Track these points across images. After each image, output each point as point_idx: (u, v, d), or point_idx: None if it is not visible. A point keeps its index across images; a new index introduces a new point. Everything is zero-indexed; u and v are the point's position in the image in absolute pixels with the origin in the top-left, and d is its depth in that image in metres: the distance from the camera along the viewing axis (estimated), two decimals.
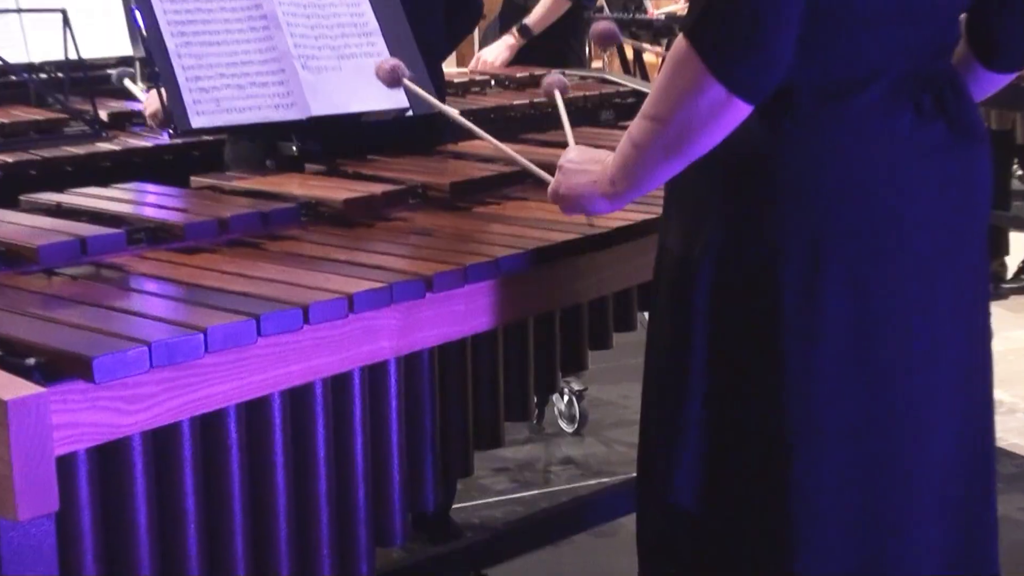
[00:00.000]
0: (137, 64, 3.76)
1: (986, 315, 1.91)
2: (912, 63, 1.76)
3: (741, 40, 1.63)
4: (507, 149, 2.30)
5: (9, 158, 2.91)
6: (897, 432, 1.79)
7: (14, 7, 3.52)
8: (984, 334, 1.90)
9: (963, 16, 1.88)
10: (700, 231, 1.81)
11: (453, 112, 2.41)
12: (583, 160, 1.96)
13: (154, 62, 2.50)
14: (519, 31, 4.69)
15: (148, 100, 3.15)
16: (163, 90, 2.48)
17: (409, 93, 2.40)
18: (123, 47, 3.75)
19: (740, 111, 1.67)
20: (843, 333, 1.75)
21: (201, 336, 1.57)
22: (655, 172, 1.78)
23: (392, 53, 2.68)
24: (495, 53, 4.66)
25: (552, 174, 2.03)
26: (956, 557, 1.88)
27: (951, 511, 1.87)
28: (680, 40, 1.67)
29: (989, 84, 1.94)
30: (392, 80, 2.37)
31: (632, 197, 1.87)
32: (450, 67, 4.27)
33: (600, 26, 2.37)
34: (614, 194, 1.87)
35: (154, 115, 3.02)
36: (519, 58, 4.70)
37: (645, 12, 6.69)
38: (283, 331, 1.68)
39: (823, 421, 1.77)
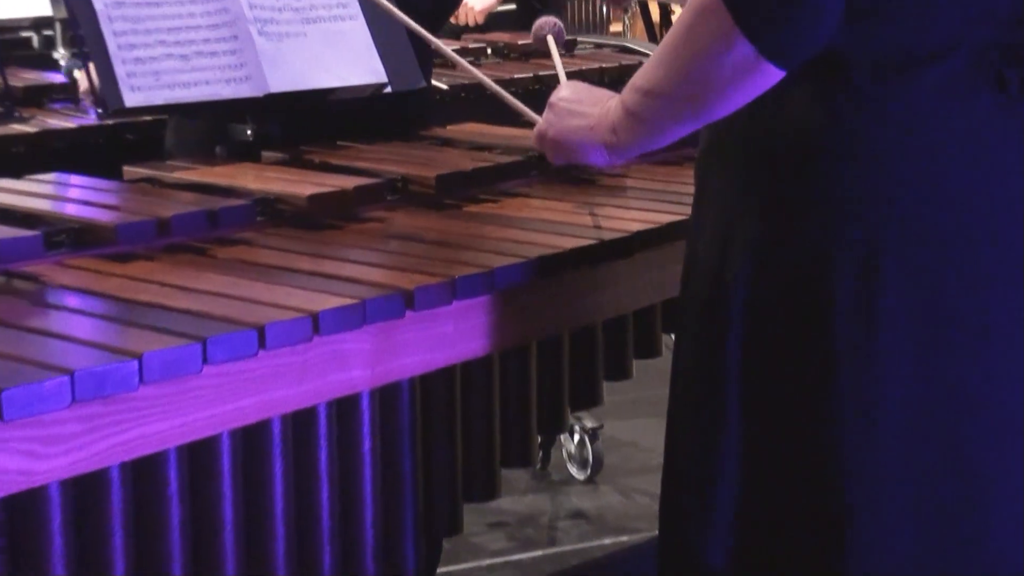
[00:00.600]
0: (58, 27, 3.77)
1: None
2: (994, 31, 1.76)
3: None
4: (492, 84, 2.31)
5: None
6: (979, 476, 1.80)
7: None
8: None
9: None
10: (736, 235, 1.82)
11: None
12: (579, 99, 1.98)
13: (79, 25, 2.51)
14: None
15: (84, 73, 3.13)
16: (90, 61, 2.49)
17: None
18: (40, 6, 3.76)
19: (769, 77, 1.69)
20: (909, 356, 1.75)
21: (135, 364, 1.58)
22: (662, 130, 1.82)
23: (368, 17, 2.69)
24: None
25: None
26: None
27: None
28: None
29: None
30: None
31: (635, 152, 1.92)
32: None
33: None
34: (614, 145, 1.90)
35: (88, 92, 3.02)
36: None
37: None
38: (234, 358, 1.68)
39: (886, 465, 1.77)
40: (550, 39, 2.40)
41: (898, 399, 1.76)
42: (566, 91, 2.02)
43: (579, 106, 1.98)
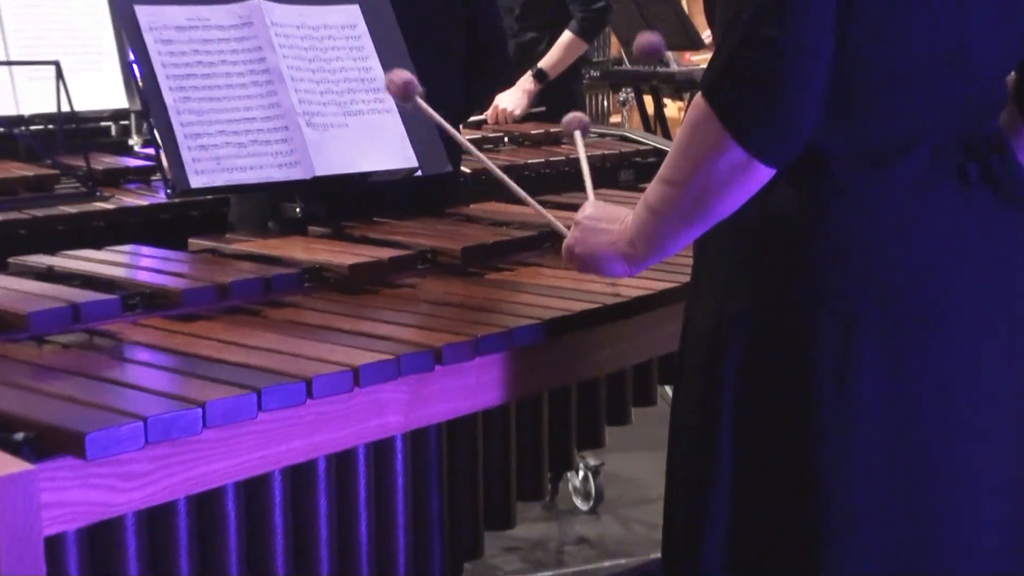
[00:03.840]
0: (132, 117, 3.80)
1: None
2: (955, 127, 1.76)
3: (762, 101, 1.64)
4: (526, 197, 2.28)
5: None
6: (941, 519, 1.78)
7: (4, 59, 3.55)
8: None
9: (1010, 76, 1.85)
10: (729, 304, 1.81)
11: (466, 144, 2.39)
12: (601, 217, 1.96)
13: (151, 117, 2.53)
14: (535, 76, 4.76)
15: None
16: (161, 148, 2.50)
17: (419, 112, 2.34)
18: (118, 99, 3.79)
19: (761, 175, 1.68)
20: (880, 417, 1.74)
21: (199, 411, 1.58)
22: (674, 236, 1.80)
23: (402, 112, 2.71)
24: (514, 100, 4.72)
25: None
26: None
27: None
28: (698, 100, 1.69)
29: None
30: (404, 95, 2.29)
31: (652, 261, 1.88)
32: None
33: (643, 39, 2.29)
34: (633, 256, 1.88)
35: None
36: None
37: (667, 65, 6.75)
38: (285, 405, 1.69)
39: (859, 511, 1.75)
40: (576, 135, 2.37)
41: (871, 448, 1.74)
42: (590, 209, 1.99)
43: (601, 223, 1.95)
